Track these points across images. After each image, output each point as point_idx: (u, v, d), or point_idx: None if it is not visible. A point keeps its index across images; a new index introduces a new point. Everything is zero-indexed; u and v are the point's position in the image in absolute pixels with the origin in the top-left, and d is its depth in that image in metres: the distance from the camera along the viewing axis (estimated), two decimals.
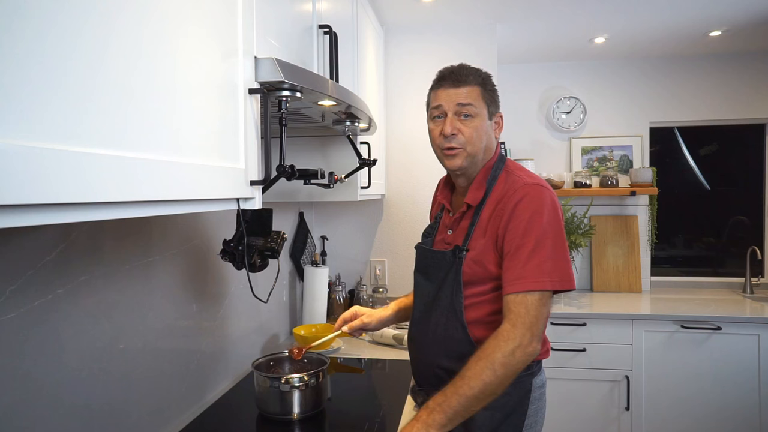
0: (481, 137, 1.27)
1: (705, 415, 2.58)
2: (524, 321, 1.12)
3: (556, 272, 1.15)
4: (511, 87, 3.32)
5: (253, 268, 1.32)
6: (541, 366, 1.33)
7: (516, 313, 1.14)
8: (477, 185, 1.29)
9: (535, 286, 1.14)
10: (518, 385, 1.23)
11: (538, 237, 1.16)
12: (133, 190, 0.58)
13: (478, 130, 1.26)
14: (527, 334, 1.12)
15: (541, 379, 1.30)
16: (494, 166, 1.30)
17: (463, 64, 1.31)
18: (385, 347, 2.11)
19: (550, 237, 1.16)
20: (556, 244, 1.17)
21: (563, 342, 2.63)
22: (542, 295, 1.14)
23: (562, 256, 1.18)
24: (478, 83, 1.27)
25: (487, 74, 1.32)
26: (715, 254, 3.38)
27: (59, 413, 1.00)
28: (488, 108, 1.29)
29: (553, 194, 1.23)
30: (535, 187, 1.21)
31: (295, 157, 1.93)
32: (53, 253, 0.98)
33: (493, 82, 1.32)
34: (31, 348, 0.93)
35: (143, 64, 0.61)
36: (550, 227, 1.17)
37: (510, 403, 1.23)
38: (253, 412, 1.47)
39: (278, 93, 0.99)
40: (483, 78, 1.29)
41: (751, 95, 3.13)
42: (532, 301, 1.13)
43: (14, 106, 0.43)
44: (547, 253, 1.15)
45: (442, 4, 2.39)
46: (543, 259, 1.15)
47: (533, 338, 1.13)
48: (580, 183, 3.13)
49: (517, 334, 1.12)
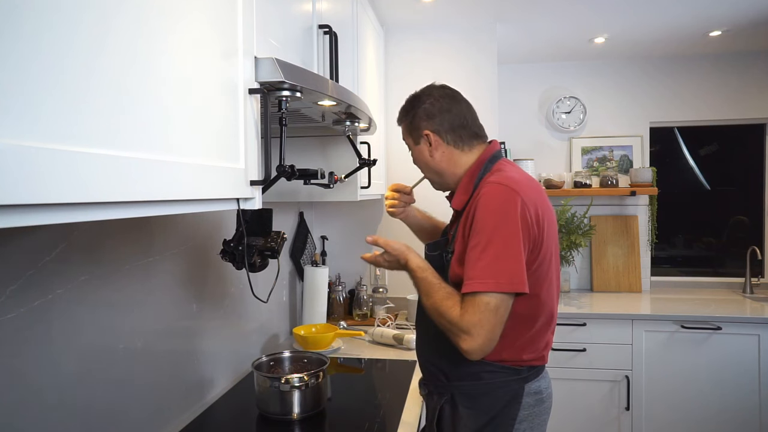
0: (420, 164, 1.39)
1: (705, 415, 2.58)
2: (468, 320, 1.11)
3: (503, 274, 1.11)
4: (512, 87, 3.32)
5: (253, 268, 1.32)
6: (540, 373, 1.28)
7: (464, 309, 1.13)
8: (462, 189, 1.31)
9: (480, 287, 1.11)
10: (504, 388, 1.24)
11: (488, 237, 1.13)
12: (132, 190, 0.58)
13: (416, 160, 1.40)
14: (468, 339, 1.11)
15: (537, 385, 1.26)
16: (483, 166, 1.29)
17: (401, 107, 1.40)
18: (385, 347, 2.11)
19: (500, 237, 1.13)
20: (507, 244, 1.12)
21: (563, 342, 2.63)
22: (490, 297, 1.11)
23: (511, 255, 1.12)
24: (400, 122, 1.40)
25: (405, 107, 1.38)
26: (715, 254, 3.38)
27: (59, 413, 1.00)
28: (412, 137, 1.36)
29: (517, 192, 1.16)
30: (495, 186, 1.18)
31: (295, 157, 1.93)
32: (53, 253, 0.98)
33: (409, 112, 1.36)
34: (31, 348, 0.93)
35: (141, 64, 0.61)
36: (502, 226, 1.13)
37: (495, 405, 1.23)
38: (253, 412, 1.47)
39: (278, 93, 0.99)
40: (402, 114, 1.39)
41: (751, 95, 3.13)
42: (479, 303, 1.11)
43: (10, 105, 0.43)
44: (494, 254, 1.12)
45: (442, 4, 2.38)
46: (490, 260, 1.12)
47: (473, 338, 1.11)
48: (580, 183, 3.13)
49: (461, 326, 1.12)
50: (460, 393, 1.27)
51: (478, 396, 1.25)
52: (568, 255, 3.08)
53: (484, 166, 1.29)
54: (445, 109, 1.32)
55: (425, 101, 1.34)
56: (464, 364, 1.24)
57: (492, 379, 1.24)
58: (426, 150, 1.34)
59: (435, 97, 1.33)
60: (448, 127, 1.32)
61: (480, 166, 1.30)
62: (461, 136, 1.33)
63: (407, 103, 1.38)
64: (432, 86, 1.37)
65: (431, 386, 1.36)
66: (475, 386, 1.25)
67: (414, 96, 1.37)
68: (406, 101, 1.39)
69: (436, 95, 1.34)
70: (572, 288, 3.25)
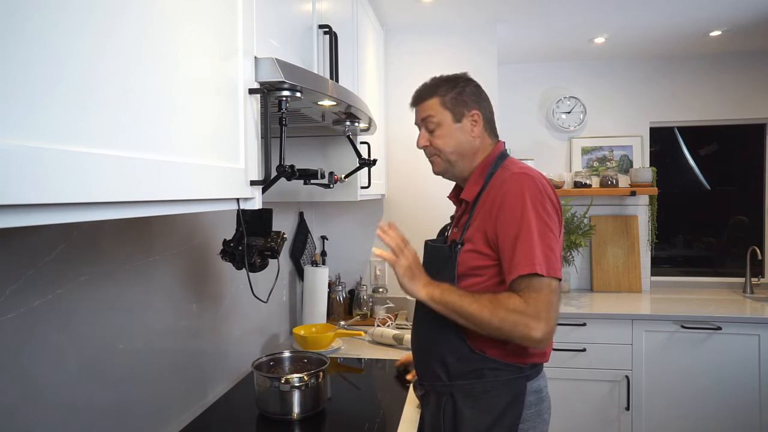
0: (449, 143, 1.32)
1: (705, 416, 2.58)
2: (536, 305, 1.10)
3: (551, 259, 1.14)
4: (511, 87, 3.32)
5: (253, 268, 1.32)
6: (540, 371, 1.29)
7: (527, 295, 1.12)
8: (474, 181, 1.32)
9: (541, 270, 1.11)
10: (508, 386, 1.23)
11: (529, 223, 1.14)
12: (133, 190, 0.58)
13: (444, 137, 1.32)
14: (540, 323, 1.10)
15: (538, 384, 1.27)
16: (494, 162, 1.32)
17: (426, 84, 1.36)
18: (385, 347, 2.11)
19: (541, 224, 1.15)
20: (545, 232, 1.15)
21: (563, 342, 2.63)
22: (549, 280, 1.12)
23: (551, 242, 1.15)
24: (434, 95, 1.33)
25: (446, 81, 1.33)
26: (715, 254, 3.38)
27: (59, 413, 1.00)
28: (452, 112, 1.31)
29: (544, 183, 1.21)
30: (524, 177, 1.20)
31: (295, 157, 1.93)
32: (53, 253, 0.98)
33: (455, 86, 1.32)
34: (31, 348, 0.93)
35: (144, 64, 0.61)
36: (541, 214, 1.16)
37: (499, 404, 1.22)
38: (253, 412, 1.47)
39: (278, 93, 0.99)
40: (439, 87, 1.33)
41: (751, 95, 3.13)
42: (543, 286, 1.11)
43: (14, 106, 0.43)
44: (539, 240, 1.14)
45: (442, 4, 2.39)
46: (538, 245, 1.13)
47: (545, 323, 1.10)
48: (580, 183, 3.13)
49: (530, 312, 1.10)
50: (461, 392, 1.26)
51: (480, 395, 1.24)
52: (568, 255, 3.08)
53: (495, 162, 1.32)
54: (485, 98, 1.36)
55: (471, 83, 1.35)
56: (468, 361, 1.24)
57: (495, 377, 1.23)
58: (468, 129, 1.32)
59: (476, 84, 1.36)
60: (489, 116, 1.36)
61: (491, 161, 1.32)
62: (492, 128, 1.38)
63: (447, 79, 1.34)
64: (466, 74, 1.37)
65: (428, 386, 1.33)
66: (477, 385, 1.24)
67: (453, 76, 1.35)
68: (441, 78, 1.35)
69: (476, 83, 1.36)
70: (572, 288, 3.25)
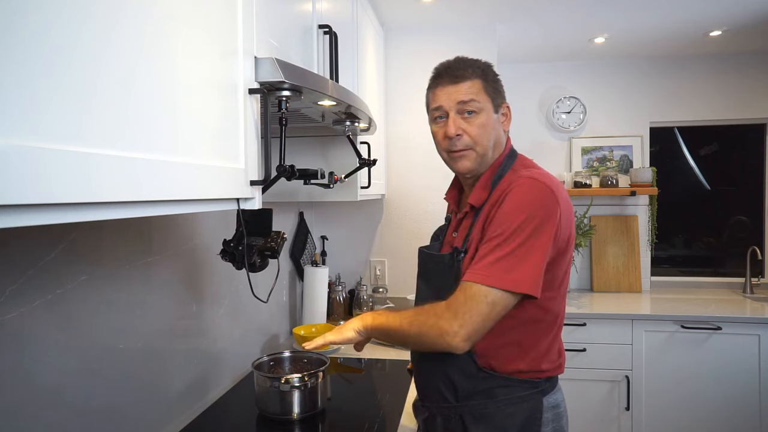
0: (488, 134, 1.16)
1: (705, 416, 2.58)
2: (457, 308, 1.02)
3: (514, 272, 1.02)
4: (511, 87, 3.28)
5: (253, 268, 1.32)
6: (555, 385, 1.18)
7: (455, 296, 1.04)
8: (482, 185, 1.18)
9: (481, 279, 1.02)
10: (522, 403, 1.12)
11: (513, 232, 1.03)
12: (134, 190, 0.58)
13: (484, 126, 1.15)
14: (454, 322, 1.01)
15: (555, 398, 1.16)
16: (503, 164, 1.19)
17: (460, 57, 1.21)
18: (385, 347, 2.10)
19: (525, 235, 1.03)
20: (533, 244, 1.03)
21: (563, 342, 2.63)
22: (489, 291, 1.01)
23: (528, 256, 1.03)
24: (478, 76, 1.16)
25: (487, 64, 1.21)
26: (715, 254, 3.38)
27: (59, 413, 1.00)
28: (492, 101, 1.17)
29: (554, 192, 1.07)
30: (532, 182, 1.07)
31: (295, 157, 1.93)
32: (53, 253, 0.97)
33: (494, 72, 1.22)
34: (31, 348, 0.93)
35: (144, 64, 0.61)
36: (537, 225, 1.03)
37: (514, 425, 1.11)
38: (253, 412, 1.47)
39: (278, 93, 0.99)
40: (483, 69, 1.18)
41: (751, 95, 3.13)
42: (475, 294, 1.01)
43: (15, 105, 0.43)
44: (510, 251, 1.02)
45: (442, 4, 2.38)
46: (503, 255, 1.03)
47: (459, 329, 1.01)
48: (580, 183, 3.13)
49: (448, 315, 1.02)
50: (471, 414, 1.13)
51: (492, 416, 1.12)
52: None
53: (504, 162, 1.19)
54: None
55: (495, 74, 1.22)
56: (477, 379, 1.12)
57: (508, 395, 1.12)
58: (498, 123, 1.20)
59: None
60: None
61: (500, 162, 1.20)
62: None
63: (481, 62, 1.21)
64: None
65: (434, 408, 1.20)
66: (489, 405, 1.12)
67: (482, 61, 1.22)
68: (472, 59, 1.21)
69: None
70: (572, 288, 3.25)
